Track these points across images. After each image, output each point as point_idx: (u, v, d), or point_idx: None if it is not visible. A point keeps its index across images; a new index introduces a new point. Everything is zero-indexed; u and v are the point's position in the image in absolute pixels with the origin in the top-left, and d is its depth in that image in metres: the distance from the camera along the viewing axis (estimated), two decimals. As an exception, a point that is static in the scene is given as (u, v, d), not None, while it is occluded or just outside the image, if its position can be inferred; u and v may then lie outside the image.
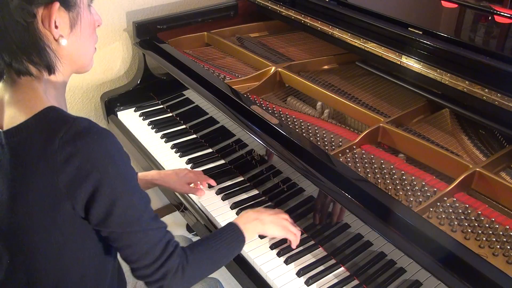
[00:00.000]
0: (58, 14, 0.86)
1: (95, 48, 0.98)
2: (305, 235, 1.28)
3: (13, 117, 0.86)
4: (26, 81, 0.89)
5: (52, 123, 0.84)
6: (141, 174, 1.38)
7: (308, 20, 1.72)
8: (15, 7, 0.81)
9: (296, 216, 1.31)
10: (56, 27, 0.86)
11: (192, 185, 1.41)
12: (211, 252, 1.05)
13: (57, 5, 0.84)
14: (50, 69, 0.89)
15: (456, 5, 1.59)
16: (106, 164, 0.84)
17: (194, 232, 2.24)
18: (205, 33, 1.95)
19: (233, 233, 1.11)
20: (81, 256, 0.94)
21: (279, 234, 1.21)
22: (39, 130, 0.84)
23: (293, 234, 1.21)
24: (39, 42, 0.86)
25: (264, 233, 1.19)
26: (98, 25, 0.97)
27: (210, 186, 1.44)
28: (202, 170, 1.49)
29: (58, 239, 0.88)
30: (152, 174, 1.41)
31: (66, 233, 0.89)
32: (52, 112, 0.86)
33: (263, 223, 1.17)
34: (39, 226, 0.87)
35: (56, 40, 0.87)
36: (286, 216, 1.23)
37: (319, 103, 1.58)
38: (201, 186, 1.42)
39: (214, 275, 1.16)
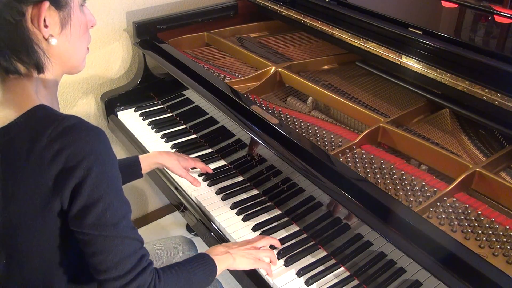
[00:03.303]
0: (48, 13, 0.85)
1: (88, 49, 0.97)
2: (305, 235, 1.28)
3: (3, 117, 0.86)
4: (16, 80, 0.88)
5: (40, 121, 0.84)
6: (143, 156, 1.40)
7: (308, 20, 1.72)
8: (3, 5, 0.81)
9: (296, 216, 1.31)
10: (45, 26, 0.86)
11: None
12: (185, 275, 1.01)
13: (46, 4, 0.84)
14: (39, 68, 0.88)
15: (456, 5, 1.59)
16: (91, 162, 0.83)
17: (194, 232, 2.24)
18: (205, 33, 1.95)
19: (207, 260, 1.08)
20: (74, 255, 0.93)
21: (251, 267, 1.17)
22: (28, 128, 0.84)
23: (265, 263, 1.17)
24: (28, 41, 0.85)
25: (235, 268, 1.14)
26: (92, 26, 0.97)
27: (207, 180, 1.46)
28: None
29: (50, 237, 0.88)
30: (154, 153, 1.43)
31: (57, 232, 0.88)
32: (41, 111, 0.86)
33: (233, 257, 1.13)
34: (31, 225, 0.86)
35: (46, 39, 0.87)
36: (255, 244, 1.19)
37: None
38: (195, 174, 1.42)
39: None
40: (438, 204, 1.15)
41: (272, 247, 1.23)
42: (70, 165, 0.82)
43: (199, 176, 1.49)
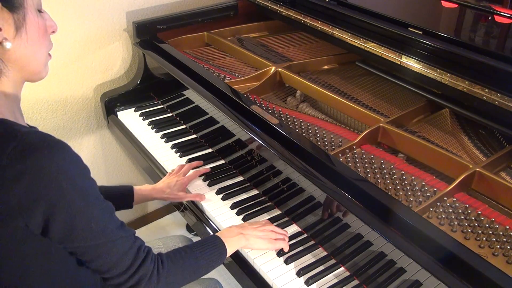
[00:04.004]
0: (1, 15, 0.82)
1: (50, 55, 0.94)
2: (305, 235, 1.28)
3: None
4: None
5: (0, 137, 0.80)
6: (137, 188, 1.38)
7: (308, 20, 1.72)
8: None
9: (296, 216, 1.31)
10: None
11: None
12: (191, 260, 1.03)
13: None
14: None
15: (456, 5, 1.59)
16: (60, 181, 0.80)
17: (194, 232, 2.24)
18: (205, 33, 1.95)
19: (216, 244, 1.10)
20: (49, 272, 0.90)
21: (265, 247, 1.20)
22: None
23: (280, 243, 1.20)
24: None
25: (249, 246, 1.17)
26: (53, 32, 0.93)
27: (207, 180, 1.47)
28: (195, 169, 1.50)
29: (17, 256, 0.85)
30: (147, 189, 1.40)
31: (24, 250, 0.85)
32: (0, 126, 0.82)
33: (246, 238, 1.16)
34: None
35: (0, 43, 0.83)
36: (271, 227, 1.22)
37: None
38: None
39: (213, 275, 1.16)
40: (438, 204, 1.15)
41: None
42: (37, 187, 0.78)
43: (199, 176, 1.49)
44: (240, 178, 1.49)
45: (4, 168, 0.78)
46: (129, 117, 1.82)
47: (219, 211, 1.37)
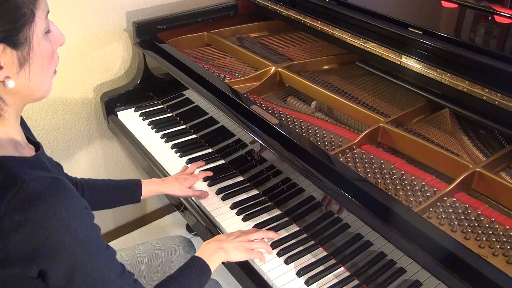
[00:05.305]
0: (3, 53, 0.77)
1: (55, 71, 0.89)
2: (305, 235, 1.28)
3: None
4: None
5: None
6: (145, 181, 1.38)
7: (308, 20, 1.72)
8: None
9: (296, 216, 1.31)
10: (0, 68, 0.78)
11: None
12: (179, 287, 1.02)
13: (1, 47, 0.76)
14: None
15: (456, 5, 1.59)
16: (61, 234, 0.77)
17: (194, 232, 2.24)
18: (205, 33, 1.95)
19: (200, 267, 1.09)
20: None
21: (244, 258, 1.18)
22: None
23: (258, 253, 1.19)
24: None
25: (229, 260, 1.16)
26: (61, 44, 0.89)
27: (207, 180, 1.47)
28: (202, 170, 1.50)
29: None
30: (157, 182, 1.40)
31: None
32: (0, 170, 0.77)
33: (226, 251, 1.15)
34: None
35: (1, 82, 0.79)
36: (247, 237, 1.20)
37: (313, 102, 1.58)
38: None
39: (213, 275, 1.16)
40: (438, 204, 1.15)
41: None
42: (38, 242, 0.76)
43: (199, 176, 1.49)
44: (240, 178, 1.49)
45: (2, 218, 0.74)
46: (129, 117, 1.82)
47: (219, 211, 1.37)
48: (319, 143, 1.37)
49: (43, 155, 0.93)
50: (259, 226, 1.30)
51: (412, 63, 1.38)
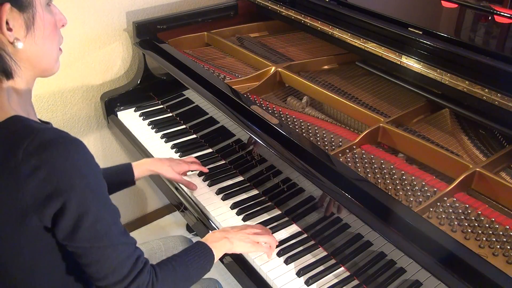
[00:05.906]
0: (11, 16, 0.81)
1: (61, 49, 0.94)
2: (305, 235, 1.28)
3: None
4: None
5: (15, 134, 0.81)
6: (135, 163, 1.38)
7: (308, 20, 1.72)
8: None
9: (296, 216, 1.31)
10: (9, 29, 0.82)
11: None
12: (182, 269, 1.02)
13: (7, 6, 0.80)
14: (8, 74, 0.85)
15: (456, 5, 1.59)
16: (73, 177, 0.81)
17: (194, 232, 2.24)
18: (205, 33, 1.95)
19: (203, 250, 1.09)
20: (54, 272, 0.91)
21: (249, 250, 1.19)
22: (1, 141, 0.81)
23: (263, 247, 1.19)
24: None
25: (233, 251, 1.16)
26: (63, 25, 0.93)
27: (207, 180, 1.46)
28: (198, 165, 1.50)
29: (28, 253, 0.86)
30: (146, 160, 1.41)
31: (35, 248, 0.86)
32: (16, 122, 0.82)
33: (231, 241, 1.15)
34: (8, 240, 0.84)
35: (11, 43, 0.83)
36: (254, 230, 1.20)
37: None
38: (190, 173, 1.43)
39: (213, 275, 1.16)
40: (438, 204, 1.15)
41: None
42: (50, 182, 0.79)
43: (198, 176, 1.49)
44: (240, 178, 1.49)
45: (19, 163, 0.78)
46: (129, 117, 1.82)
47: (219, 211, 1.37)
48: (319, 143, 1.37)
49: None
50: (259, 226, 1.30)
51: (412, 63, 1.38)
